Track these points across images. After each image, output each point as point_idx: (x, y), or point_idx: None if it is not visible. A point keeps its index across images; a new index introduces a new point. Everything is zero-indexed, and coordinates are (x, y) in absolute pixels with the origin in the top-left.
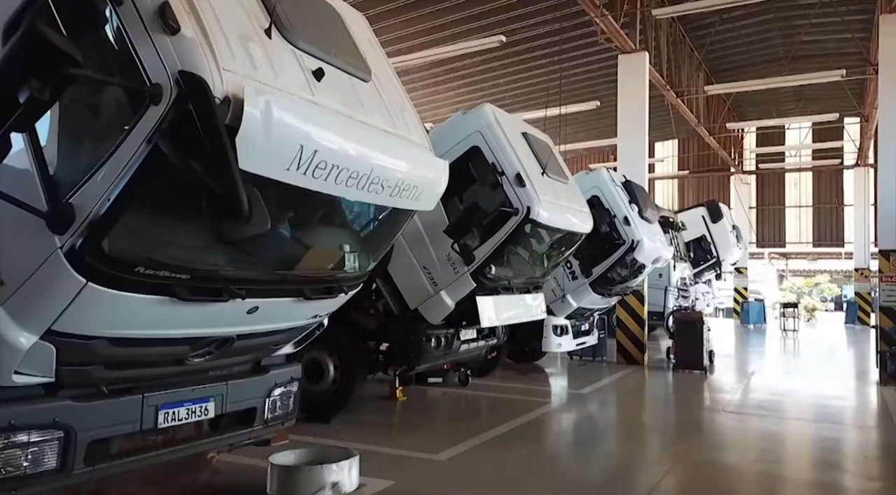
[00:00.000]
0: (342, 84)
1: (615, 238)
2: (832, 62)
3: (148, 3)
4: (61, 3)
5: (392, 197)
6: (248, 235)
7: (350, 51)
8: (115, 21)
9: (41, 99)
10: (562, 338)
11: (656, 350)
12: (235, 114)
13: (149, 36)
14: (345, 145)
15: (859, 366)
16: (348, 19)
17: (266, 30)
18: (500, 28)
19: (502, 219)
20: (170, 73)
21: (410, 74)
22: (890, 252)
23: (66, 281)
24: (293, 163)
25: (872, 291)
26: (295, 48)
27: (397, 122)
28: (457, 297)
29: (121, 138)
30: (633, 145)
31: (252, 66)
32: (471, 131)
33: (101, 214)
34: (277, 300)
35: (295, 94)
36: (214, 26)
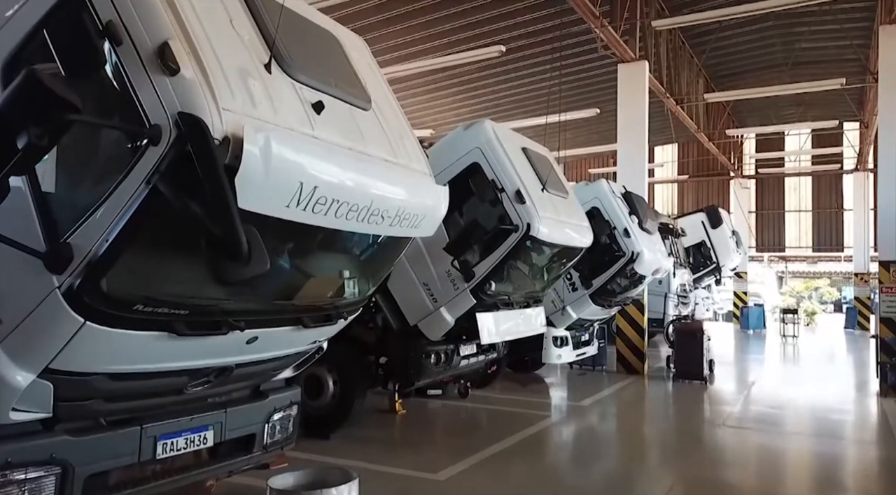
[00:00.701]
0: (342, 115)
1: (615, 250)
2: (832, 68)
3: (147, 43)
4: (60, 42)
5: (392, 226)
6: (248, 277)
7: (350, 80)
8: (115, 60)
9: (40, 144)
10: (562, 350)
11: (656, 357)
12: (235, 153)
13: (148, 76)
14: (345, 179)
15: (859, 375)
16: (348, 45)
17: (266, 64)
18: (500, 35)
19: (502, 236)
20: (169, 114)
21: (411, 81)
22: (890, 263)
23: (64, 320)
24: (293, 200)
25: (872, 292)
26: (294, 81)
27: (397, 150)
28: (457, 314)
29: (119, 179)
30: (633, 153)
31: (252, 104)
32: (470, 148)
33: (99, 254)
34: (277, 329)
35: (295, 130)
36: (214, 65)
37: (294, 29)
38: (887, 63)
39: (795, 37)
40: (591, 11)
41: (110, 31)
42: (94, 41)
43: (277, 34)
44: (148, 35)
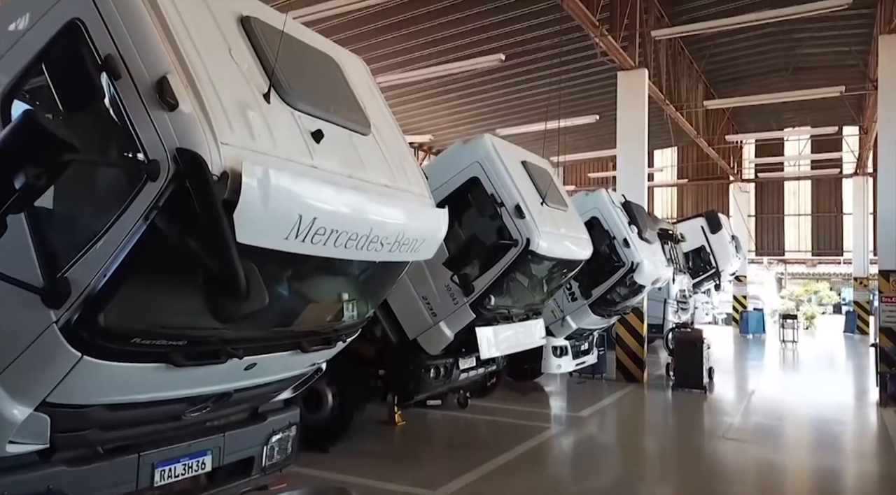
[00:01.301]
0: (341, 141)
1: (615, 260)
2: (831, 74)
3: (146, 77)
4: (58, 76)
5: (391, 252)
6: (246, 313)
7: (350, 105)
8: (113, 95)
9: (37, 184)
10: (561, 360)
11: (655, 364)
12: (234, 187)
13: (146, 111)
14: (344, 209)
15: (858, 383)
16: (348, 68)
17: (265, 94)
18: (500, 42)
19: (502, 251)
20: (167, 150)
21: (410, 87)
22: (890, 272)
23: (62, 355)
24: (292, 232)
25: (871, 294)
26: (294, 110)
27: (397, 175)
28: (456, 328)
29: (117, 214)
30: (633, 160)
31: (250, 137)
32: (470, 162)
33: (97, 289)
34: (275, 354)
35: (294, 161)
36: (213, 98)
37: (293, 55)
38: (887, 72)
39: (795, 43)
40: (591, 21)
41: (109, 64)
42: (93, 75)
43: (277, 62)
44: (146, 69)
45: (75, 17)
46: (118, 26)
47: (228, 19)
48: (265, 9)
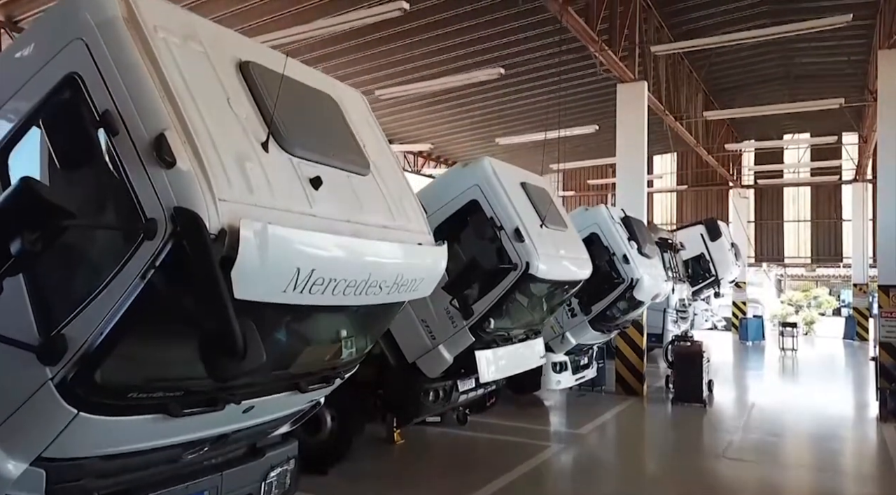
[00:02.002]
0: (340, 185)
1: (614, 277)
2: (830, 82)
3: (144, 134)
4: (55, 131)
5: (390, 294)
6: (244, 371)
7: (349, 145)
8: (111, 151)
9: (34, 250)
10: (561, 375)
11: (655, 375)
12: (232, 244)
13: (144, 168)
14: (342, 258)
15: (858, 395)
16: (347, 105)
17: (263, 143)
18: (500, 56)
19: (501, 274)
20: (165, 209)
21: (410, 99)
22: (890, 287)
23: (57, 412)
24: (290, 285)
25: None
26: (292, 156)
27: (396, 214)
28: (455, 351)
29: (114, 273)
30: (632, 173)
31: (248, 190)
32: (469, 185)
33: (93, 347)
34: (274, 396)
35: (293, 211)
36: (211, 153)
37: (292, 97)
38: (886, 87)
39: (794, 52)
40: (590, 36)
41: (106, 120)
42: (90, 131)
43: (275, 110)
44: (144, 126)
45: (73, 72)
46: (116, 82)
47: (227, 66)
48: (264, 51)
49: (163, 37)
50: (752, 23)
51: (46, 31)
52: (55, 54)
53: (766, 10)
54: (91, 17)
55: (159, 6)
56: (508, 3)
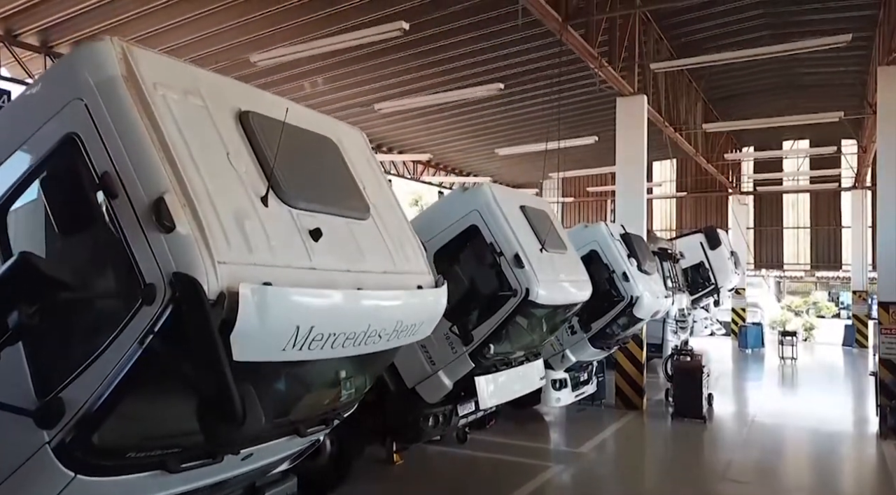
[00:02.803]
0: (340, 233)
1: (614, 295)
2: (829, 92)
3: (143, 197)
4: (53, 192)
5: (390, 341)
6: (243, 437)
7: (349, 190)
8: (109, 214)
9: (31, 323)
10: (560, 393)
11: (655, 386)
12: (231, 307)
13: (143, 233)
14: (341, 312)
15: (858, 410)
16: (347, 146)
17: (263, 198)
18: (498, 69)
19: (501, 301)
20: (164, 274)
21: (410, 112)
22: (889, 304)
23: (54, 475)
24: (289, 343)
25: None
26: (292, 208)
27: (396, 256)
28: (455, 377)
29: (112, 337)
30: (632, 186)
31: (248, 250)
32: (469, 210)
33: (91, 410)
34: (273, 442)
35: (292, 266)
36: (210, 214)
37: (291, 145)
38: (885, 103)
39: (794, 63)
40: (590, 53)
41: (105, 183)
42: (89, 193)
43: (275, 163)
44: (143, 189)
45: (72, 132)
46: (115, 143)
47: (226, 118)
48: (264, 98)
49: (162, 93)
50: (751, 34)
51: (47, 88)
52: (55, 113)
53: (766, 22)
54: (90, 76)
55: (159, 62)
56: (507, 20)
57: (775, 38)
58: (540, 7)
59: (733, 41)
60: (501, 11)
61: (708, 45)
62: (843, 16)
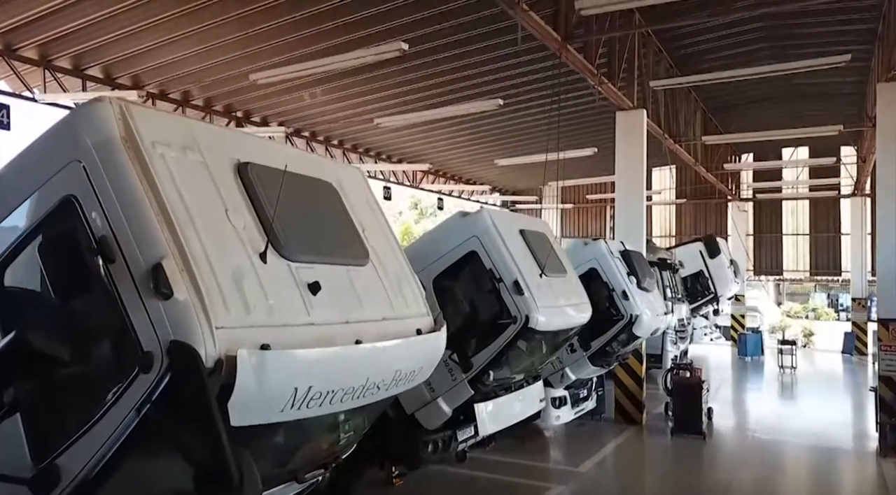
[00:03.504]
0: (339, 281)
1: (613, 314)
2: (829, 102)
3: (141, 263)
4: (50, 255)
5: (389, 390)
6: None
7: (347, 236)
8: (107, 279)
9: (27, 400)
10: (560, 411)
11: (655, 397)
12: (229, 372)
13: (141, 300)
14: (340, 370)
15: (858, 424)
16: (346, 186)
17: (262, 254)
18: (498, 85)
19: (501, 328)
20: (161, 342)
21: (410, 125)
22: (889, 320)
23: None
24: (287, 404)
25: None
26: (290, 262)
27: (395, 302)
28: (454, 404)
29: (108, 405)
30: (631, 196)
31: (246, 311)
32: (468, 236)
33: (87, 478)
34: (271, 490)
35: (290, 324)
36: (208, 277)
37: (290, 195)
38: (885, 120)
39: (793, 75)
40: (590, 70)
41: (103, 247)
42: (86, 257)
43: (274, 218)
44: (141, 254)
45: (70, 194)
46: (113, 206)
47: (225, 171)
48: (262, 146)
49: (161, 152)
50: (751, 46)
51: (46, 148)
52: (53, 174)
53: (765, 34)
54: (88, 138)
55: (157, 119)
56: (506, 37)
57: (775, 49)
58: (539, 28)
59: (733, 53)
60: (500, 26)
61: (707, 56)
62: (843, 29)
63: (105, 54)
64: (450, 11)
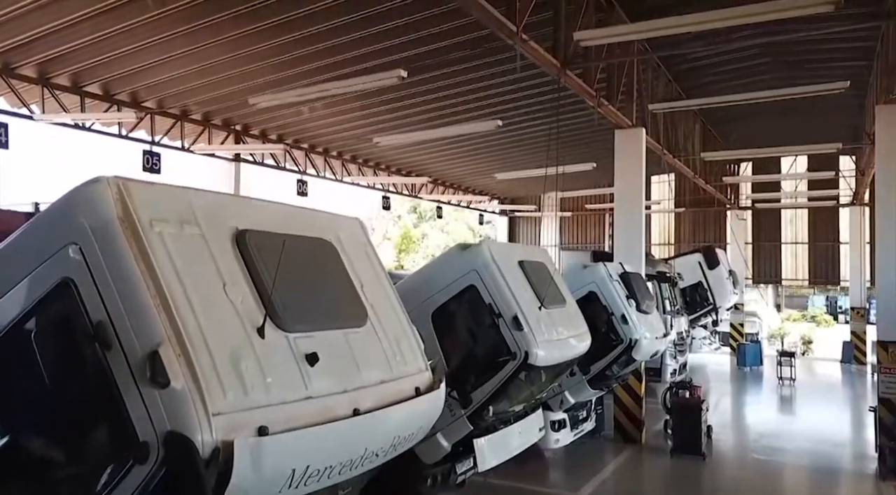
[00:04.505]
0: (337, 348)
1: (613, 339)
2: (828, 114)
3: (137, 350)
4: (44, 339)
5: (386, 456)
6: None
7: (346, 297)
8: (104, 366)
9: None
10: (559, 434)
11: (655, 412)
12: (226, 459)
13: (137, 388)
14: (338, 446)
15: (857, 443)
16: (344, 239)
17: (259, 328)
18: (497, 107)
19: (500, 364)
20: (158, 432)
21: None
22: (888, 343)
23: None
24: (284, 485)
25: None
26: (288, 333)
27: (394, 362)
28: (453, 439)
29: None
30: (630, 212)
31: (244, 393)
32: (467, 270)
33: None
34: None
35: (288, 401)
36: (206, 362)
37: (288, 260)
38: (883, 143)
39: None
40: (588, 92)
41: (99, 333)
42: (82, 342)
43: (273, 290)
44: (139, 341)
45: (67, 277)
46: (110, 291)
47: (223, 242)
48: (260, 210)
49: (158, 230)
50: (750, 62)
51: (43, 229)
52: (50, 256)
53: (766, 50)
54: (86, 219)
55: (155, 194)
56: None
57: (775, 65)
58: (538, 55)
59: (733, 68)
60: (499, 49)
61: (708, 72)
62: (842, 46)
63: (103, 72)
64: (449, 32)
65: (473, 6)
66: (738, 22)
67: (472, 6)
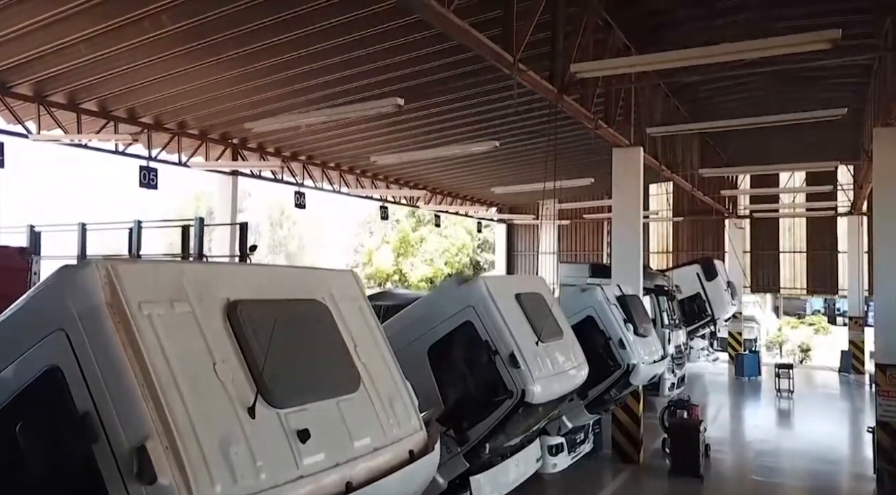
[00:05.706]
0: (329, 419)
1: (610, 364)
2: (826, 129)
3: (124, 443)
4: (29, 435)
5: None
6: None
7: (339, 362)
8: (89, 459)
9: None
10: (557, 458)
11: (653, 429)
12: None
13: (124, 484)
14: None
15: (855, 463)
16: (337, 296)
17: (250, 408)
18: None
19: (496, 402)
20: None
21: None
22: (887, 366)
23: None
24: None
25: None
26: (279, 410)
27: (387, 426)
28: (449, 477)
29: None
30: (628, 227)
31: (233, 481)
32: (463, 306)
33: None
34: None
35: (279, 484)
36: (194, 453)
37: (280, 329)
38: (881, 165)
39: (788, 99)
40: (586, 115)
41: (85, 425)
42: (66, 434)
43: (264, 368)
44: (126, 435)
45: (54, 364)
46: (97, 381)
47: (214, 316)
48: (250, 277)
49: (147, 313)
50: (747, 79)
51: (31, 313)
52: (37, 343)
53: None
54: (73, 305)
55: (144, 275)
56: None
57: (774, 82)
58: (535, 83)
59: (731, 85)
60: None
61: (705, 89)
62: (842, 62)
63: (100, 90)
64: (449, 63)
65: (472, 41)
66: (740, 57)
67: (472, 41)
